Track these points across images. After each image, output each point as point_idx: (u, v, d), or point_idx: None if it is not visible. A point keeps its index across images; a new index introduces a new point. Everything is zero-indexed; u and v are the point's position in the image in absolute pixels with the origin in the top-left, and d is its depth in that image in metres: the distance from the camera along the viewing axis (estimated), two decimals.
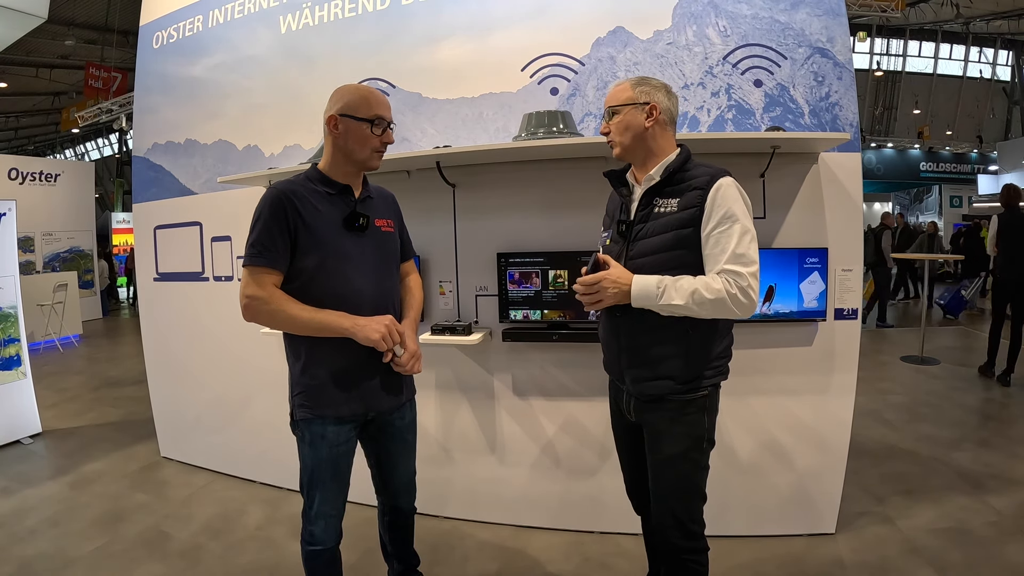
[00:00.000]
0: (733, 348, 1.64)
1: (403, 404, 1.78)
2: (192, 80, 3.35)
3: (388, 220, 1.74)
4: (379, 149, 1.61)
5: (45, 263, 9.36)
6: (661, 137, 1.56)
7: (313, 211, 1.56)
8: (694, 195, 1.48)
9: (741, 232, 1.44)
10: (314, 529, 1.66)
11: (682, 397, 1.53)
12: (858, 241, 2.40)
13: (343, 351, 1.58)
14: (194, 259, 3.33)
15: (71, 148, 24.43)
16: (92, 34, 14.12)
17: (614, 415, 1.80)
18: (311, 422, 1.62)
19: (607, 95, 1.60)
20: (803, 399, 2.44)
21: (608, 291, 1.48)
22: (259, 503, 2.97)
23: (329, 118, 1.59)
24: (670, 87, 1.59)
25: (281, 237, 1.53)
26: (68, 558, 2.48)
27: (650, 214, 1.54)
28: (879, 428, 3.77)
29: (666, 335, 1.51)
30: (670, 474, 1.59)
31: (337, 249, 1.58)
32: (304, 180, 1.61)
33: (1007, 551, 2.32)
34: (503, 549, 2.49)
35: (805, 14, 2.39)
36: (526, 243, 2.54)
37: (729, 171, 1.52)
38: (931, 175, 18.53)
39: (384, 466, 1.83)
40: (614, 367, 1.67)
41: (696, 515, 1.59)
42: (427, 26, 2.75)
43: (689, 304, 1.42)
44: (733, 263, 1.43)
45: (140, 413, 4.34)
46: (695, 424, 1.56)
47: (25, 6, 3.92)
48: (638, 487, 1.80)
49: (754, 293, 1.43)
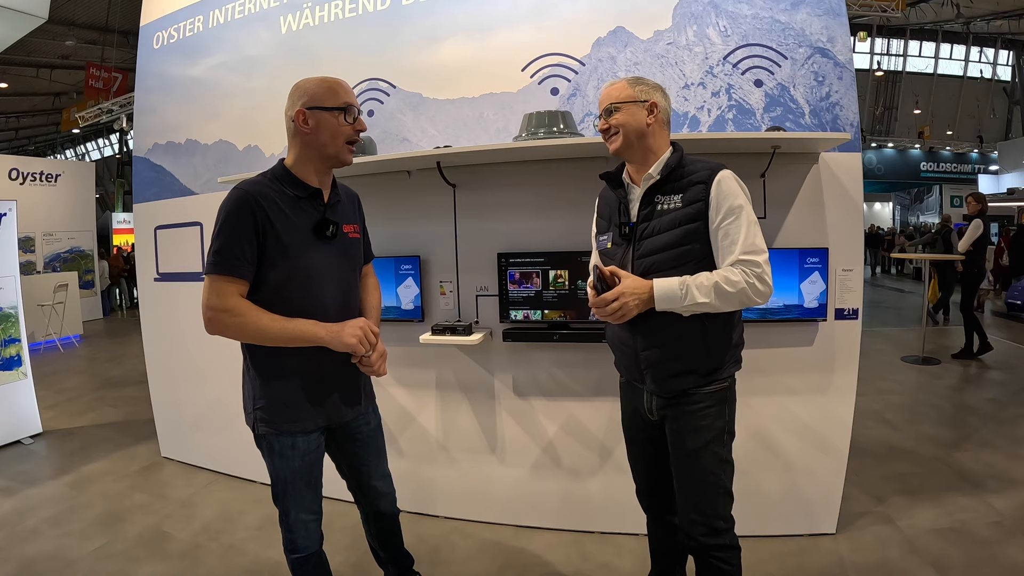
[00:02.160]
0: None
1: (366, 411, 1.74)
2: (192, 80, 3.35)
3: (355, 225, 1.68)
4: (352, 139, 1.53)
5: (46, 263, 9.38)
6: (659, 135, 1.58)
7: (282, 217, 1.46)
8: (698, 189, 1.50)
9: (748, 222, 1.47)
10: (295, 537, 1.62)
11: (705, 390, 1.55)
12: (859, 241, 2.40)
13: (304, 363, 1.52)
14: (195, 259, 3.32)
15: (72, 148, 24.47)
16: (93, 34, 14.16)
17: (629, 416, 1.77)
18: (279, 436, 1.55)
19: (602, 94, 1.61)
20: (804, 399, 2.44)
21: (630, 304, 1.47)
22: (259, 503, 2.97)
23: (296, 114, 1.49)
24: (665, 87, 1.62)
25: (248, 245, 1.42)
26: (69, 558, 2.49)
27: (653, 212, 1.55)
28: (880, 428, 3.77)
29: (684, 330, 1.52)
30: (693, 469, 1.57)
31: (306, 260, 1.49)
32: (271, 180, 1.50)
33: (1008, 551, 2.32)
34: (503, 549, 2.49)
35: (805, 14, 2.39)
36: (526, 243, 2.54)
37: (726, 164, 1.55)
38: (931, 175, 18.56)
39: (359, 473, 1.77)
40: (632, 369, 1.64)
41: (721, 511, 1.57)
42: (427, 26, 2.75)
43: (712, 300, 1.44)
44: (746, 253, 1.46)
45: (140, 413, 4.34)
46: (717, 415, 1.56)
47: (25, 6, 3.93)
48: (654, 489, 1.78)
49: (769, 279, 1.47)
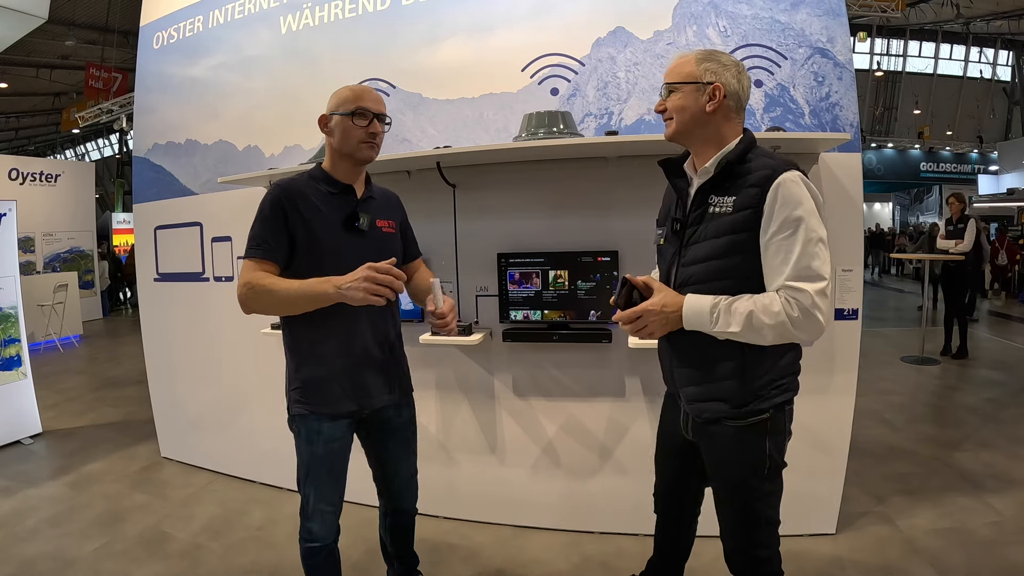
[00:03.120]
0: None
1: (398, 402, 1.78)
2: (192, 80, 3.35)
3: (390, 221, 1.74)
4: (365, 140, 1.59)
5: (45, 263, 9.37)
6: (724, 124, 1.34)
7: (314, 210, 1.58)
8: (752, 193, 1.27)
9: (805, 239, 1.23)
10: (311, 525, 1.67)
11: (739, 423, 1.37)
12: (858, 241, 2.40)
13: (338, 349, 1.61)
14: (194, 259, 3.33)
15: (71, 148, 24.45)
16: (92, 34, 14.14)
17: (666, 427, 1.67)
18: (306, 418, 1.63)
19: (668, 68, 1.38)
20: (803, 399, 2.38)
21: (655, 323, 1.32)
22: (259, 503, 2.97)
23: (320, 118, 1.63)
24: (743, 66, 1.36)
25: (280, 233, 1.55)
26: (69, 558, 2.49)
27: (704, 214, 1.35)
28: (879, 428, 3.77)
29: (719, 352, 1.35)
30: (730, 503, 1.46)
31: (334, 250, 1.58)
32: (308, 179, 1.63)
33: (1008, 552, 2.32)
34: (503, 549, 2.49)
35: (805, 14, 2.39)
36: (526, 243, 2.54)
37: (796, 164, 1.30)
38: (931, 175, 18.56)
39: (385, 465, 1.84)
40: (670, 383, 1.56)
41: (762, 540, 1.45)
42: (427, 26, 2.75)
43: (746, 331, 1.26)
44: (795, 279, 1.23)
45: (140, 413, 4.34)
46: (754, 451, 1.38)
47: (25, 6, 3.92)
48: (670, 496, 1.72)
49: (821, 314, 1.22)
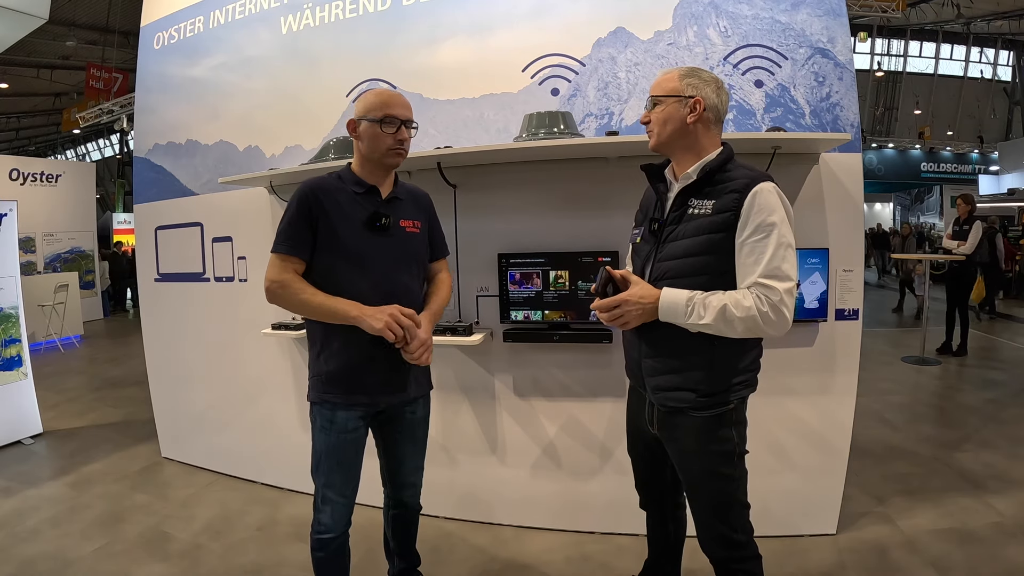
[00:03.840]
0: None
1: (413, 399, 1.80)
2: (193, 81, 3.35)
3: (415, 220, 1.77)
4: (393, 147, 1.64)
5: (46, 264, 9.38)
6: (703, 135, 1.47)
7: (338, 208, 1.64)
8: (731, 199, 1.40)
9: (777, 243, 1.35)
10: (320, 516, 1.70)
11: (705, 412, 1.47)
12: (859, 242, 2.40)
13: (353, 343, 1.63)
14: (195, 260, 3.32)
15: (72, 149, 24.49)
16: (93, 35, 14.16)
17: (632, 421, 1.75)
18: (322, 407, 1.68)
19: (653, 82, 1.51)
20: (804, 399, 2.44)
21: (632, 313, 1.42)
22: (260, 503, 2.97)
23: (349, 122, 1.68)
24: (722, 83, 1.49)
25: (305, 229, 1.61)
26: (69, 558, 2.49)
27: (683, 215, 1.46)
28: (880, 428, 3.77)
29: (689, 345, 1.44)
30: (704, 492, 1.52)
31: (354, 249, 1.64)
32: (336, 179, 1.69)
33: (1008, 552, 2.32)
34: (503, 549, 2.49)
35: (806, 14, 2.39)
36: (527, 244, 2.54)
37: (771, 176, 1.44)
38: (932, 175, 18.55)
39: (392, 457, 1.86)
40: (635, 375, 1.62)
41: (737, 524, 1.52)
42: (428, 27, 2.76)
43: (718, 323, 1.35)
44: (767, 277, 1.34)
45: (141, 414, 4.34)
46: (723, 440, 1.48)
47: (26, 7, 3.92)
48: (648, 486, 1.80)
49: (787, 311, 1.34)
